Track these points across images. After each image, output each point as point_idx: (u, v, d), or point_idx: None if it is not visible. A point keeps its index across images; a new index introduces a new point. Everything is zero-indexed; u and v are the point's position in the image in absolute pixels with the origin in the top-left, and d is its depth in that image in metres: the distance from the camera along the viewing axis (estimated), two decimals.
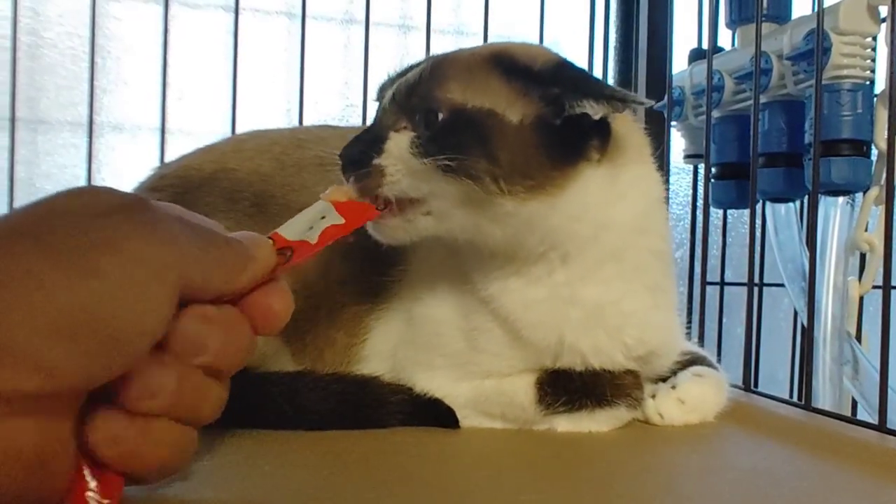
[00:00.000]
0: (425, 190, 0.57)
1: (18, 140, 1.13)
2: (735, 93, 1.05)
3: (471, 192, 0.56)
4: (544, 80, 0.58)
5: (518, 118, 0.58)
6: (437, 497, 0.49)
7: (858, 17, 0.89)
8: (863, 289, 0.99)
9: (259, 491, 0.49)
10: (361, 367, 0.68)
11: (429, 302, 0.66)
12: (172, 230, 0.39)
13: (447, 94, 0.58)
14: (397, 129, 0.59)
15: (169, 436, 0.40)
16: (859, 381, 0.97)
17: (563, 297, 0.62)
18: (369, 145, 0.58)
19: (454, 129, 0.57)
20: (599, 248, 0.62)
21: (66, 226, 0.37)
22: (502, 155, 0.56)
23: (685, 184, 1.30)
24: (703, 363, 0.73)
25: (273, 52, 1.28)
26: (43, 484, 0.37)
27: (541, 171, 0.58)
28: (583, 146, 0.59)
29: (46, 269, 0.35)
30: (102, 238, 0.37)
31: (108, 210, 0.38)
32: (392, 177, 0.57)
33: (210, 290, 0.41)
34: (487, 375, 0.66)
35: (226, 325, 0.42)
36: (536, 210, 0.58)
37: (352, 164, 0.58)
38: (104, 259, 0.36)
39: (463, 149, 0.56)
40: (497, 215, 0.58)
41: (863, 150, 0.92)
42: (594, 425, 0.65)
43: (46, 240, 0.36)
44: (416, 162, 0.57)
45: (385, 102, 0.61)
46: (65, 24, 1.20)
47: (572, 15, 1.27)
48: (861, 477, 0.57)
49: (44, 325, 0.34)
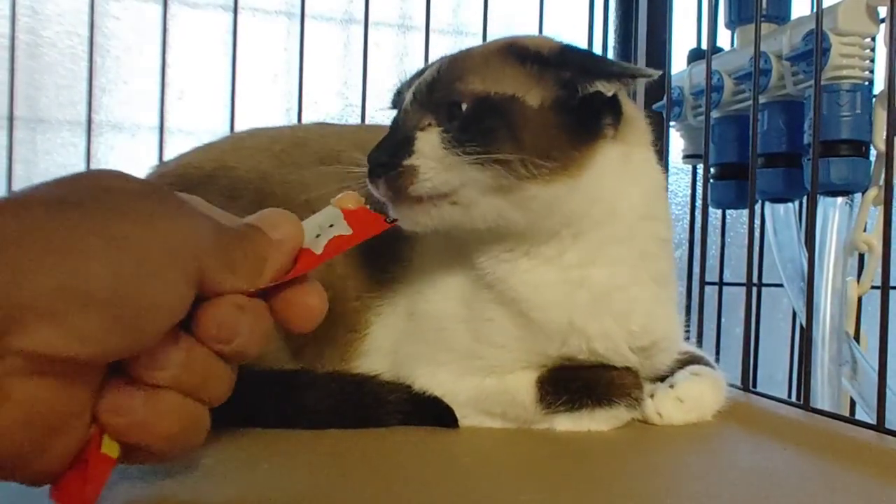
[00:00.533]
0: (456, 182, 0.58)
1: (17, 139, 1.13)
2: (734, 93, 1.06)
3: (500, 179, 0.58)
4: (555, 65, 0.60)
5: (538, 102, 0.59)
6: (436, 497, 0.49)
7: (857, 17, 0.89)
8: (861, 289, 1.00)
9: (258, 490, 0.49)
10: (361, 362, 0.68)
11: (431, 297, 0.67)
12: (195, 219, 0.41)
13: (468, 86, 0.60)
14: (422, 127, 0.60)
15: (176, 409, 0.40)
16: (858, 381, 0.97)
17: (572, 280, 0.63)
18: (399, 147, 0.59)
19: (480, 117, 0.59)
20: (609, 231, 0.63)
21: (103, 198, 0.38)
22: (527, 138, 0.58)
23: (684, 184, 1.30)
24: (700, 363, 0.73)
25: (272, 52, 1.28)
26: (54, 452, 0.38)
27: (563, 151, 0.59)
28: (599, 124, 0.61)
29: (84, 234, 0.36)
30: (135, 214, 0.38)
31: (140, 192, 0.40)
32: (425, 175, 0.58)
33: (229, 284, 0.41)
34: (491, 371, 0.66)
35: (255, 314, 0.43)
36: (558, 192, 0.60)
37: (381, 167, 0.59)
38: (135, 233, 0.37)
39: (490, 135, 0.58)
40: (522, 199, 0.59)
41: (861, 151, 0.92)
42: (594, 425, 0.65)
43: (85, 208, 0.37)
44: (448, 156, 0.58)
45: (406, 104, 0.62)
46: (64, 23, 1.19)
47: (571, 15, 1.27)
48: (859, 477, 0.57)
49: (79, 291, 0.35)
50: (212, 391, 0.42)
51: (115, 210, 0.38)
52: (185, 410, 0.41)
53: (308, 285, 0.45)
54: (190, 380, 0.41)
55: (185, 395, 0.41)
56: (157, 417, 0.40)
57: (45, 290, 0.34)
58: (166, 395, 0.40)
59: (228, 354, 0.42)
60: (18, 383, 0.35)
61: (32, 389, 0.35)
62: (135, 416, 0.39)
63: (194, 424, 0.42)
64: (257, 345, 0.43)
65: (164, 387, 0.40)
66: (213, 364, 0.42)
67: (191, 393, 0.41)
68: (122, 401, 0.39)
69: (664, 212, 0.69)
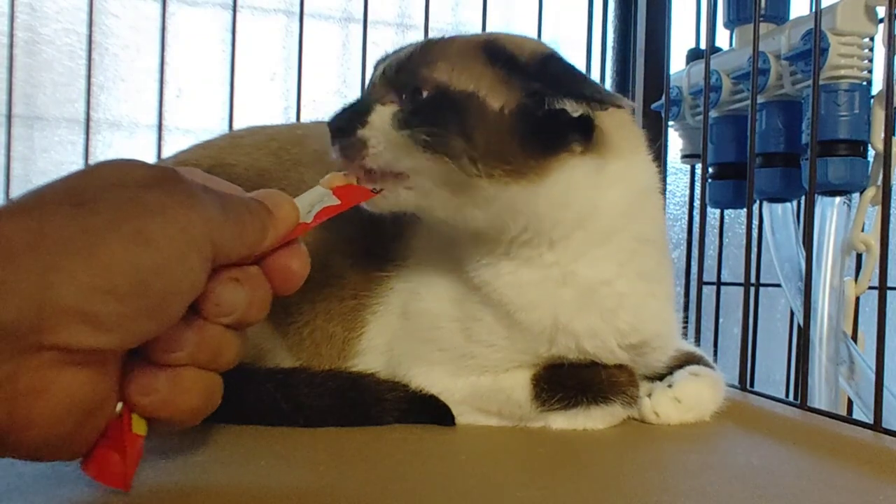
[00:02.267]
0: (407, 164, 0.58)
1: (15, 136, 1.13)
2: (733, 93, 1.06)
3: (450, 172, 0.57)
4: (527, 73, 0.59)
5: (499, 105, 0.58)
6: (433, 494, 0.49)
7: (856, 17, 0.89)
8: (859, 289, 1.00)
9: (255, 487, 0.49)
10: (357, 361, 0.68)
11: (426, 296, 0.67)
12: (203, 201, 0.42)
13: (433, 74, 0.59)
14: (383, 102, 0.60)
15: (197, 383, 0.44)
16: (855, 381, 0.97)
17: (554, 278, 0.62)
18: (355, 116, 0.60)
19: (435, 107, 0.58)
20: (586, 233, 0.62)
21: (116, 194, 0.40)
22: (479, 137, 0.57)
23: (682, 184, 1.31)
24: (699, 362, 0.73)
25: (271, 50, 1.28)
26: (86, 433, 0.41)
27: (517, 158, 0.58)
28: (564, 139, 0.59)
29: (103, 232, 0.38)
30: (149, 207, 0.40)
31: (149, 181, 0.41)
32: (374, 148, 0.58)
33: (235, 254, 0.44)
34: (484, 370, 0.66)
35: (251, 284, 0.45)
36: (518, 195, 0.58)
37: (338, 132, 0.59)
38: (152, 226, 0.39)
39: (441, 126, 0.57)
40: (478, 198, 0.59)
41: (859, 151, 0.92)
42: (590, 422, 0.65)
43: (101, 206, 0.39)
44: (395, 133, 0.58)
45: (375, 76, 0.63)
46: (62, 21, 1.19)
47: (570, 14, 1.27)
48: (857, 475, 0.57)
49: (105, 287, 0.37)
50: (224, 360, 0.45)
51: (130, 204, 0.39)
52: (204, 383, 0.44)
53: (291, 248, 0.48)
54: (204, 354, 0.44)
55: (202, 368, 0.44)
56: (178, 393, 0.43)
57: (72, 289, 0.36)
58: (186, 372, 0.43)
59: (233, 325, 0.45)
60: (56, 375, 0.37)
61: (68, 379, 0.38)
62: (160, 394, 0.43)
63: (211, 394, 0.45)
64: (259, 310, 0.46)
65: (183, 365, 0.43)
66: (223, 335, 0.45)
67: (206, 366, 0.44)
68: (147, 382, 0.43)
69: (650, 212, 0.67)
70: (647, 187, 0.66)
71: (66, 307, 0.36)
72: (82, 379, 0.39)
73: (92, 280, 0.37)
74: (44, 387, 0.37)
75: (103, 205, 0.39)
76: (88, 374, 0.39)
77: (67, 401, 0.38)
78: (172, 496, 0.46)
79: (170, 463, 0.52)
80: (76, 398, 0.39)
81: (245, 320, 0.45)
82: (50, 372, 0.37)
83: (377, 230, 0.68)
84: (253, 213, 0.45)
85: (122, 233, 0.38)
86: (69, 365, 0.38)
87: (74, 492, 0.46)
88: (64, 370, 0.38)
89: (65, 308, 0.36)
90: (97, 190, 0.40)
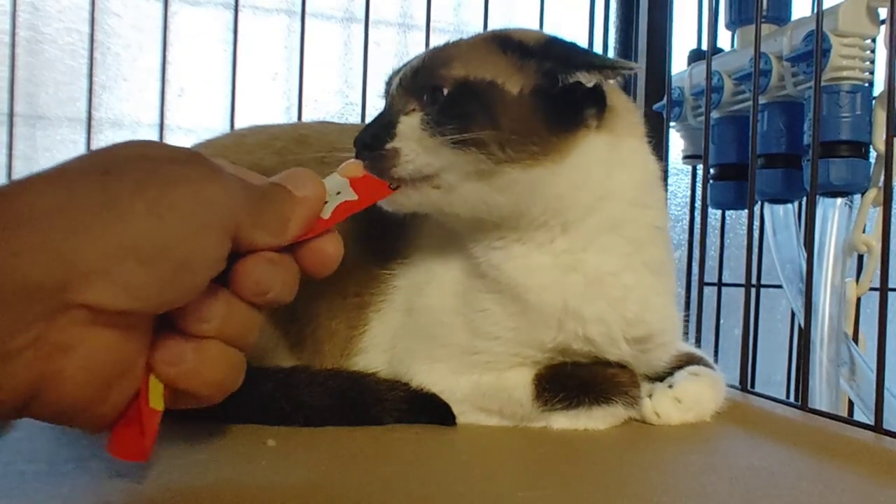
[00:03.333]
0: (437, 165, 0.59)
1: (17, 135, 1.13)
2: (734, 94, 1.06)
3: (479, 163, 0.59)
4: (538, 55, 0.61)
5: (517, 89, 0.60)
6: (434, 494, 0.49)
7: (858, 18, 0.89)
8: (860, 290, 1.00)
9: (255, 487, 0.49)
10: (359, 359, 0.68)
11: (429, 293, 0.67)
12: (225, 177, 0.44)
13: (451, 71, 0.61)
14: (406, 112, 0.61)
15: (223, 357, 0.45)
16: (856, 382, 0.97)
17: (565, 264, 0.63)
18: (382, 129, 0.60)
19: (459, 101, 0.60)
20: (599, 218, 0.63)
21: (140, 166, 0.41)
22: (505, 122, 0.59)
23: (684, 185, 1.31)
24: (699, 363, 0.73)
25: (273, 50, 1.28)
26: (111, 400, 0.42)
27: (542, 136, 0.60)
28: (580, 114, 0.62)
29: (127, 198, 0.39)
30: (172, 177, 0.41)
31: (174, 157, 0.43)
32: (406, 157, 0.59)
33: (260, 239, 0.45)
34: (487, 367, 0.66)
35: (285, 268, 0.47)
36: (540, 176, 0.60)
37: (365, 149, 0.60)
38: (174, 194, 0.40)
39: (468, 118, 0.59)
40: (503, 184, 0.60)
41: (861, 152, 0.92)
42: (591, 423, 0.65)
43: (125, 175, 0.40)
44: (427, 138, 0.59)
45: (393, 90, 0.64)
46: (64, 20, 1.19)
47: (572, 15, 1.27)
48: (857, 477, 0.57)
49: (129, 249, 0.38)
50: (249, 338, 0.47)
51: (154, 175, 0.41)
52: (228, 358, 0.45)
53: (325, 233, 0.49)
54: (231, 330, 0.45)
55: (227, 343, 0.45)
56: (204, 365, 0.44)
57: (98, 251, 0.38)
58: (211, 345, 0.45)
59: (263, 305, 0.47)
60: (83, 333, 0.39)
61: (94, 339, 0.40)
62: (186, 364, 0.44)
63: (235, 370, 0.46)
64: (289, 294, 0.48)
65: (209, 337, 0.44)
66: (250, 314, 0.46)
67: (232, 341, 0.45)
68: (173, 352, 0.44)
69: (658, 201, 0.69)
70: (654, 172, 0.68)
71: (91, 268, 0.37)
72: (109, 340, 0.40)
73: (115, 243, 0.38)
74: (72, 344, 0.39)
75: (128, 174, 0.40)
76: (115, 336, 0.40)
77: (94, 360, 0.40)
78: (172, 495, 0.46)
79: (170, 462, 0.52)
80: (102, 359, 0.40)
81: (276, 301, 0.47)
82: (78, 330, 0.39)
83: (382, 228, 0.68)
84: (274, 201, 0.46)
85: (146, 199, 0.39)
86: (96, 325, 0.39)
87: (75, 491, 0.46)
88: (91, 330, 0.39)
89: (90, 268, 0.37)
90: (122, 161, 0.41)
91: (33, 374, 0.38)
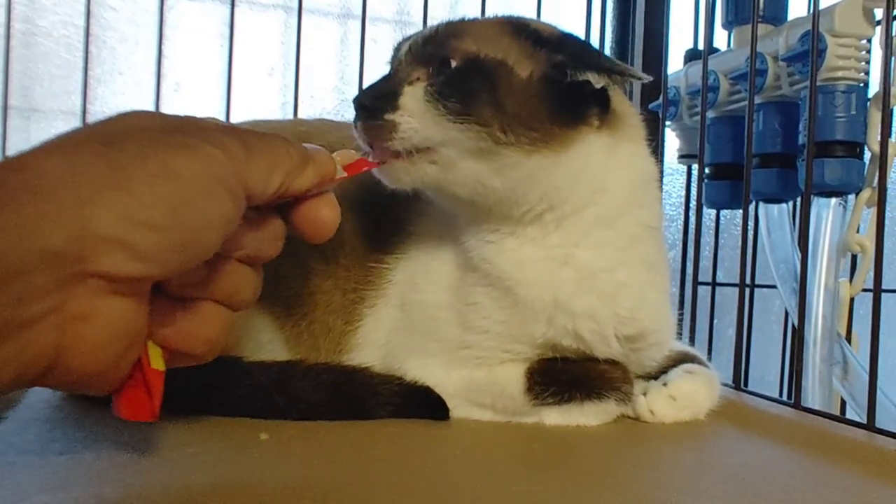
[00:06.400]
0: (437, 139, 0.59)
1: (11, 128, 1.12)
2: (730, 93, 1.06)
3: (479, 141, 0.58)
4: (551, 46, 0.61)
5: (526, 73, 0.60)
6: (427, 488, 0.49)
7: (853, 19, 0.89)
8: (854, 290, 1.00)
9: (249, 479, 0.49)
10: (354, 355, 0.68)
11: (423, 287, 0.67)
12: (224, 141, 0.44)
13: (462, 45, 0.61)
14: (411, 81, 0.61)
15: (215, 316, 0.47)
16: (849, 381, 0.97)
17: (557, 258, 0.63)
18: (383, 98, 0.60)
19: (466, 76, 0.60)
20: (594, 212, 0.63)
21: (140, 136, 0.42)
22: (509, 104, 0.59)
23: (679, 184, 1.31)
24: (694, 361, 0.73)
25: (269, 46, 1.28)
26: (123, 366, 0.43)
27: (544, 124, 0.60)
28: (584, 111, 0.62)
29: (130, 168, 0.39)
30: (172, 145, 0.42)
31: (173, 127, 0.44)
32: (403, 132, 0.58)
33: (273, 185, 0.45)
34: (478, 361, 0.66)
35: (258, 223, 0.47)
36: (539, 164, 0.60)
37: (363, 110, 0.59)
38: (176, 161, 0.41)
39: (474, 95, 0.58)
40: (502, 166, 0.60)
41: (856, 152, 0.92)
42: (583, 419, 0.65)
43: (126, 145, 0.41)
44: (429, 110, 0.58)
45: (401, 55, 0.63)
46: (60, 13, 1.19)
47: (568, 14, 1.27)
48: (850, 474, 0.58)
49: (136, 216, 0.39)
50: (241, 297, 0.48)
51: (153, 144, 0.41)
52: (221, 317, 0.47)
53: (321, 197, 0.50)
54: (221, 290, 0.46)
55: (219, 303, 0.46)
56: (198, 325, 0.46)
57: (110, 220, 0.38)
58: (204, 305, 0.46)
59: (246, 260, 0.47)
60: (100, 302, 0.40)
61: (109, 308, 0.40)
62: (179, 324, 0.45)
63: (228, 329, 0.48)
64: (276, 250, 0.49)
65: (201, 298, 0.46)
66: (238, 271, 0.47)
67: (224, 301, 0.47)
68: (168, 314, 0.45)
69: (652, 201, 0.69)
70: (651, 174, 0.68)
71: (106, 236, 0.38)
72: (124, 308, 0.41)
73: (126, 211, 0.39)
74: (90, 313, 0.39)
75: (129, 143, 0.41)
76: (130, 303, 0.41)
77: (111, 328, 0.40)
78: (164, 488, 0.46)
79: (162, 456, 0.52)
80: (119, 326, 0.41)
81: (259, 256, 0.48)
82: (95, 299, 0.39)
83: (378, 223, 0.68)
84: (287, 143, 0.47)
85: (148, 167, 0.40)
86: (112, 294, 0.40)
87: (66, 483, 0.46)
88: (108, 298, 0.40)
89: (105, 237, 0.38)
90: (122, 132, 0.42)
91: (52, 343, 0.39)
